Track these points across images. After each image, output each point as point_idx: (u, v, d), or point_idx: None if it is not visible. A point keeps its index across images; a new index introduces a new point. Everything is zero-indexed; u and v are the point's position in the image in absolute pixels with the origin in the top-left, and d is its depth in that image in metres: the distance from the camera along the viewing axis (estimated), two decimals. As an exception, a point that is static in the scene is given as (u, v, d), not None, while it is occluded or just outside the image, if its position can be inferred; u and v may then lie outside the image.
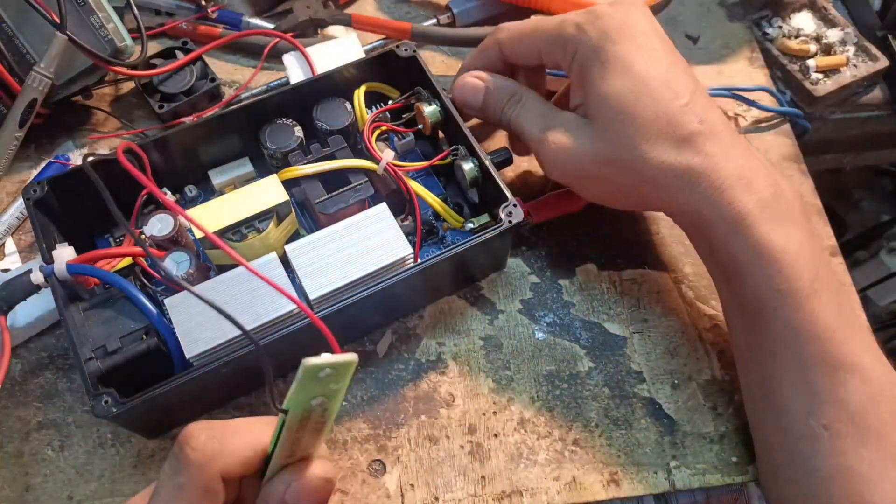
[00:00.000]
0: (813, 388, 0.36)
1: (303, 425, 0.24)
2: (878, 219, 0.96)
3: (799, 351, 0.36)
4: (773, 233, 0.36)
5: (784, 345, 0.36)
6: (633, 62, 0.38)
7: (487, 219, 0.43)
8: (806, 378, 0.36)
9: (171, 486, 0.26)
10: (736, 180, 0.36)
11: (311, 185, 0.42)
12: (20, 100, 0.45)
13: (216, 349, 0.36)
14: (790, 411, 0.36)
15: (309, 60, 0.48)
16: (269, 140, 0.43)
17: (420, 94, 0.45)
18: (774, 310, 0.36)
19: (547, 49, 0.41)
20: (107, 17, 0.46)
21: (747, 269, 0.36)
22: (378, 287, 0.37)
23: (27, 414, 0.41)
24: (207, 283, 0.38)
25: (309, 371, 0.22)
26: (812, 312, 0.35)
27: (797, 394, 0.36)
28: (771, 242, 0.36)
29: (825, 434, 0.35)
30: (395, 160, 0.42)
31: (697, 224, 0.38)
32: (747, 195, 0.36)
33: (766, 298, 0.36)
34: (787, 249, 0.36)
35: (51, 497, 0.39)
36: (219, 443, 0.26)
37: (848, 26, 0.59)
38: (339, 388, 0.23)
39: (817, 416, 0.35)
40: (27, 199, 0.40)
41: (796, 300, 0.36)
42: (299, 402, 0.23)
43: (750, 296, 0.37)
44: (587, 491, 0.40)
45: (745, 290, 0.37)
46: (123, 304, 0.37)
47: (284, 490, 0.26)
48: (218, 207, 0.40)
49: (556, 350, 0.44)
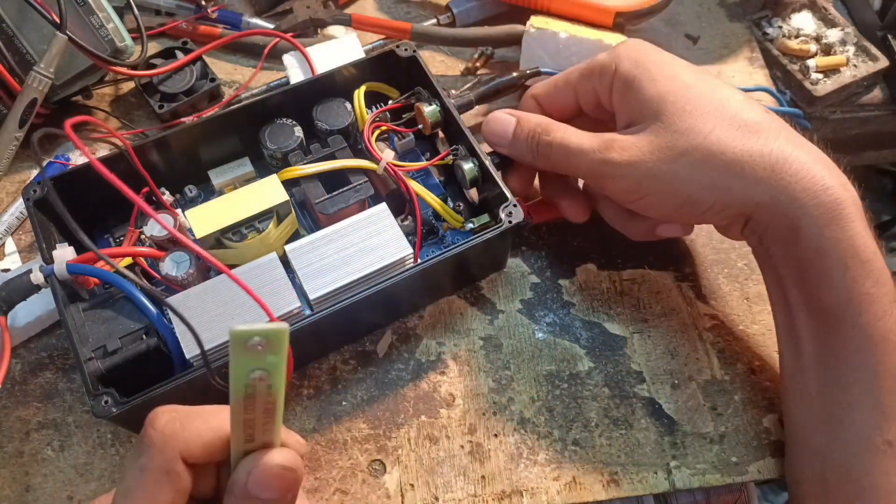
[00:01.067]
0: (882, 402, 0.34)
1: (250, 404, 0.24)
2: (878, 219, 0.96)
3: (874, 362, 0.34)
4: (866, 231, 0.34)
5: (860, 354, 0.35)
6: (676, 71, 0.38)
7: (487, 219, 0.43)
8: (876, 391, 0.34)
9: (133, 468, 0.26)
10: (822, 165, 0.34)
11: (311, 185, 0.42)
12: (20, 100, 0.45)
13: (216, 349, 0.36)
14: (854, 423, 0.35)
15: (309, 60, 0.48)
16: (269, 140, 0.43)
17: (420, 93, 0.45)
18: (857, 315, 0.34)
19: (583, 84, 0.41)
20: (107, 17, 0.46)
21: (836, 267, 0.34)
22: (378, 287, 0.37)
23: (27, 414, 0.41)
24: (208, 282, 0.38)
25: (236, 339, 0.21)
26: (893, 322, 0.34)
27: (864, 406, 0.35)
28: (866, 241, 0.34)
29: (889, 451, 0.34)
30: (395, 160, 0.42)
31: (784, 212, 0.35)
32: (838, 183, 0.34)
33: (851, 301, 0.34)
34: (878, 251, 0.34)
35: (51, 497, 0.39)
36: (180, 424, 0.26)
37: (848, 26, 0.59)
38: (278, 362, 0.22)
39: (883, 431, 0.34)
40: (27, 199, 0.40)
41: (881, 307, 0.34)
42: (236, 375, 0.22)
43: (833, 297, 0.35)
44: (587, 491, 0.40)
45: (829, 290, 0.35)
46: (123, 303, 0.38)
47: (246, 478, 0.26)
48: (218, 207, 0.40)
49: (556, 350, 0.44)
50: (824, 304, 0.36)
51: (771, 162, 0.35)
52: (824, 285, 0.35)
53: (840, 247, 0.34)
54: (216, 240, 0.40)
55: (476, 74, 0.55)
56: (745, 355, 0.44)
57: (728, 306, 0.46)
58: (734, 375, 0.44)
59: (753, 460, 0.41)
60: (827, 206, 0.34)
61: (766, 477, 0.41)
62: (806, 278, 0.36)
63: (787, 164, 0.35)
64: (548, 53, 0.52)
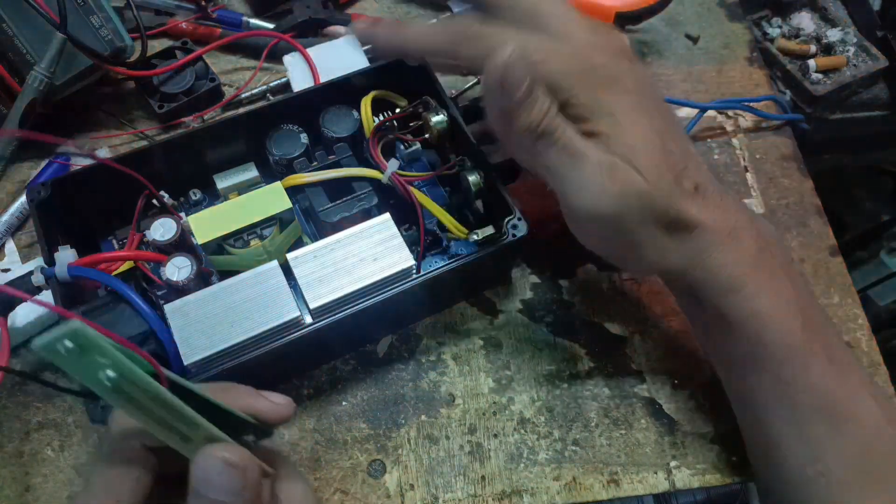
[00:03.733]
0: (808, 437, 0.35)
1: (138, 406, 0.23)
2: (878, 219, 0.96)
3: (790, 402, 0.36)
4: (764, 289, 0.36)
5: (776, 396, 0.36)
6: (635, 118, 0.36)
7: (492, 230, 0.43)
8: (801, 427, 0.35)
9: (102, 456, 0.27)
10: (725, 239, 0.36)
11: (315, 192, 0.42)
12: (20, 100, 0.45)
13: (214, 356, 0.36)
14: (787, 459, 0.36)
15: (309, 61, 0.48)
16: (274, 146, 0.43)
17: (427, 102, 0.44)
18: (765, 362, 0.36)
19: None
20: (107, 17, 0.46)
21: (738, 328, 0.36)
22: (380, 298, 0.37)
23: (27, 414, 0.41)
24: (208, 289, 0.38)
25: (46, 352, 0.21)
26: (804, 364, 0.35)
27: (793, 443, 0.36)
28: (761, 301, 0.36)
29: (823, 481, 0.35)
30: (400, 169, 0.42)
31: (687, 283, 0.37)
32: (736, 254, 0.36)
33: (755, 353, 0.36)
34: (777, 305, 0.36)
35: (51, 497, 0.39)
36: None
37: (848, 26, 0.59)
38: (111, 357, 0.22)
39: (814, 463, 0.35)
40: (31, 200, 0.39)
41: (787, 354, 0.35)
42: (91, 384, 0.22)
43: (740, 351, 0.37)
44: (587, 491, 0.40)
45: (735, 346, 0.37)
46: (124, 308, 0.37)
47: (193, 470, 0.25)
48: (221, 213, 0.40)
49: (556, 350, 0.44)
50: (735, 356, 0.38)
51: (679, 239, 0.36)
52: (730, 342, 0.37)
53: (736, 312, 0.36)
54: (218, 246, 0.39)
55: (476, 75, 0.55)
56: (744, 355, 0.45)
57: (728, 306, 0.46)
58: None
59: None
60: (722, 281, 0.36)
61: (766, 477, 0.41)
62: (715, 335, 0.38)
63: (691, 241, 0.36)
64: (548, 53, 0.52)
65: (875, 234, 0.97)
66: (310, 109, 0.44)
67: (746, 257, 0.36)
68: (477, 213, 0.45)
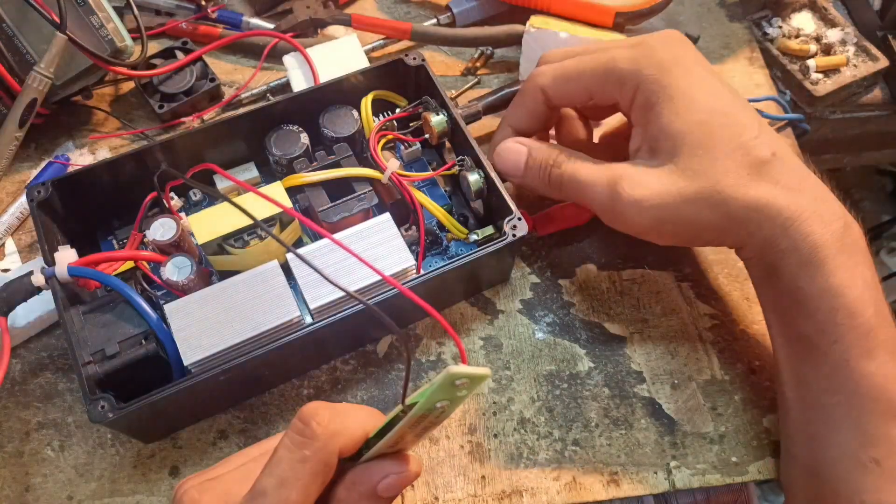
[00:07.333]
0: (865, 424, 0.35)
1: (417, 423, 0.25)
2: (878, 219, 0.97)
3: (853, 386, 0.36)
4: (843, 267, 0.36)
5: (839, 378, 0.36)
6: (697, 96, 0.38)
7: (492, 230, 0.43)
8: (858, 413, 0.36)
9: (293, 457, 0.26)
10: (810, 212, 0.36)
11: (315, 192, 0.42)
12: (20, 100, 0.45)
13: (214, 357, 0.36)
14: (839, 443, 0.36)
15: (309, 61, 0.48)
16: (274, 146, 0.43)
17: (428, 103, 0.44)
18: (833, 343, 0.36)
19: (599, 88, 0.40)
20: (107, 17, 0.46)
21: (812, 301, 0.36)
22: (380, 298, 0.37)
23: (27, 414, 0.41)
24: (208, 289, 0.38)
25: (449, 378, 0.23)
26: (869, 349, 0.35)
27: (847, 427, 0.36)
28: (840, 277, 0.36)
29: (876, 468, 0.35)
30: (400, 169, 0.42)
31: (768, 255, 0.38)
32: (821, 227, 0.36)
33: (826, 331, 0.36)
34: (854, 285, 0.36)
35: (51, 497, 0.39)
36: (341, 422, 0.27)
37: (848, 26, 0.59)
38: (464, 397, 0.25)
39: (868, 449, 0.35)
40: (31, 200, 0.39)
41: (856, 336, 0.35)
42: (428, 402, 0.24)
43: (810, 328, 0.37)
44: (587, 491, 0.40)
45: (807, 321, 0.37)
46: (124, 308, 0.37)
47: (379, 479, 0.27)
48: (220, 213, 0.40)
49: (556, 350, 0.44)
50: (803, 334, 0.37)
51: (764, 212, 0.37)
52: (802, 317, 0.37)
53: (814, 285, 0.36)
54: (218, 246, 0.39)
55: (476, 74, 0.55)
56: (745, 355, 0.45)
57: (728, 306, 0.46)
58: (734, 375, 0.44)
59: (753, 460, 0.41)
60: (803, 252, 0.36)
61: (766, 477, 0.41)
62: (787, 310, 0.38)
63: (776, 212, 0.37)
64: (548, 53, 0.52)
65: (875, 234, 0.97)
66: (310, 109, 0.44)
67: (830, 232, 0.36)
68: (477, 213, 0.45)
